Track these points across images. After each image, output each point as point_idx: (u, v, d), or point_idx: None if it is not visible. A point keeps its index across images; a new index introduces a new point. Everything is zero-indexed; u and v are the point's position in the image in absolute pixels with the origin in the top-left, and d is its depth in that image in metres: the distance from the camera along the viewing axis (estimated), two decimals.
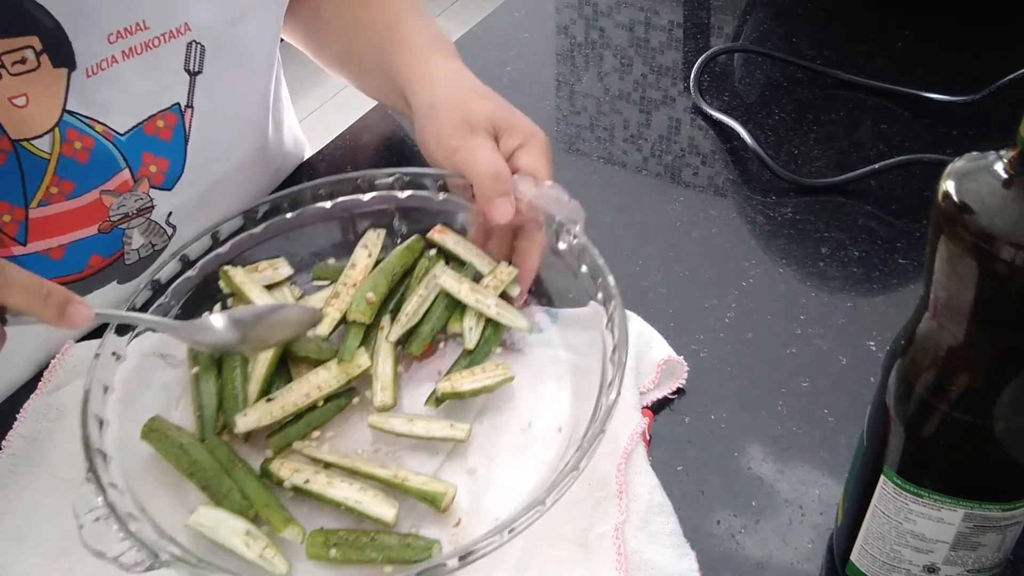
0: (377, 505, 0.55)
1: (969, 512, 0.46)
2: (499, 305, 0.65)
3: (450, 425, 0.60)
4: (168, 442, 0.58)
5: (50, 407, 0.62)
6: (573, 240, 0.65)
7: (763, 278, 0.74)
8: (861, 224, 0.78)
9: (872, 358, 0.67)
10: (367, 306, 0.64)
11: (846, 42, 1.00)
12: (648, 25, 1.05)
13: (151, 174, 0.68)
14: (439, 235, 0.70)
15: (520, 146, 0.67)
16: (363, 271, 0.67)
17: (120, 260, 0.70)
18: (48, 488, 0.58)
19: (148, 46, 0.65)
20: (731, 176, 0.84)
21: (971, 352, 0.43)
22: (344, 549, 0.54)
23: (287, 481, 0.57)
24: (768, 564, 0.56)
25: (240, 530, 0.54)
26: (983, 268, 0.40)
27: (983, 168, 0.41)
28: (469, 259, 0.69)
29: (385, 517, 0.55)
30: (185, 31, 0.66)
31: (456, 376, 0.62)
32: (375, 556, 0.54)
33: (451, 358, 0.65)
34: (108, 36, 0.62)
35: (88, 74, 0.62)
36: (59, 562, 0.55)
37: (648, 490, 0.57)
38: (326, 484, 0.57)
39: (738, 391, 0.65)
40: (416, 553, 0.54)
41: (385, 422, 0.60)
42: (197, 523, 0.54)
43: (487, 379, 0.61)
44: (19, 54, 0.58)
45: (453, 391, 0.61)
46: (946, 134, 0.87)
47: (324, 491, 0.56)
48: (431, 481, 0.57)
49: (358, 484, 0.57)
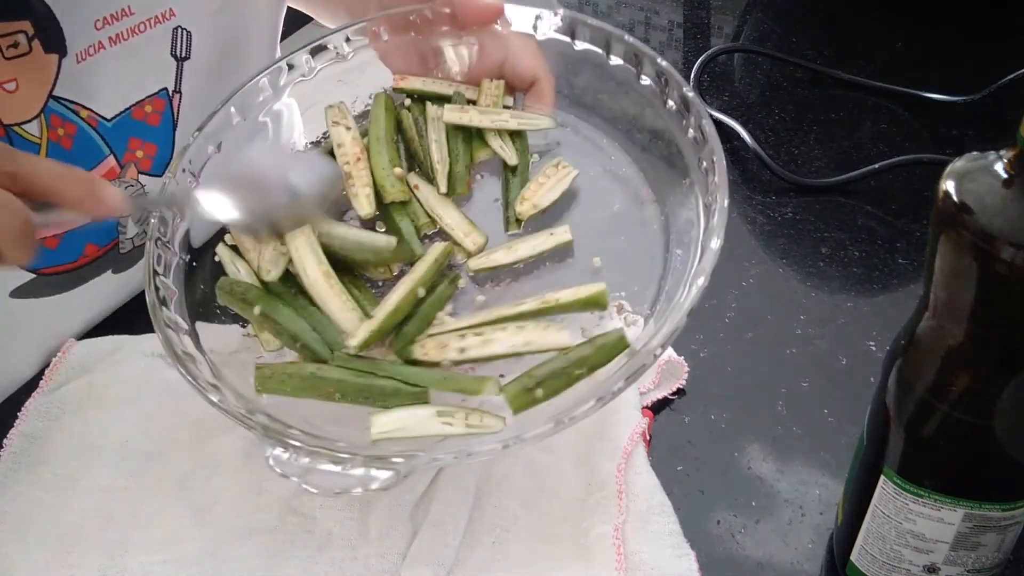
0: (550, 335, 0.53)
1: (969, 512, 0.46)
2: (513, 115, 0.64)
3: (549, 234, 0.59)
4: (295, 379, 0.54)
5: (51, 406, 0.62)
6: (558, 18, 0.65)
7: (763, 278, 0.74)
8: (861, 224, 0.78)
9: (872, 358, 0.67)
10: (399, 182, 0.62)
11: (846, 42, 1.00)
12: (648, 25, 1.05)
13: (137, 160, 0.68)
14: (404, 82, 0.67)
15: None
16: (355, 144, 0.64)
17: (115, 250, 0.70)
18: (50, 486, 0.58)
19: (134, 32, 0.65)
20: (731, 176, 0.84)
21: (971, 352, 0.43)
22: (548, 383, 0.51)
23: (443, 359, 0.53)
24: (768, 564, 0.56)
25: (430, 415, 0.51)
26: (983, 268, 0.40)
27: (983, 168, 0.41)
28: (448, 91, 0.67)
29: (563, 342, 0.52)
30: (170, 16, 0.67)
31: (526, 192, 0.61)
32: (580, 372, 0.51)
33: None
34: (95, 22, 0.62)
35: (77, 60, 0.62)
36: (62, 560, 0.55)
37: (648, 490, 0.57)
38: (484, 343, 0.53)
39: (738, 391, 0.65)
40: (613, 348, 0.52)
41: (488, 260, 0.58)
42: (382, 434, 0.50)
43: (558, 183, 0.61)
44: (11, 38, 0.59)
45: (534, 207, 0.60)
46: (946, 134, 0.87)
47: (486, 351, 0.53)
48: (581, 288, 0.55)
49: (510, 329, 0.54)
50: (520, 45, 0.66)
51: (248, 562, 0.55)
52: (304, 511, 0.57)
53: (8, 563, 0.55)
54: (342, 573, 0.54)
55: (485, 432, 0.50)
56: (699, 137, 0.58)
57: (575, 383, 0.51)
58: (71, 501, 0.58)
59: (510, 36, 0.67)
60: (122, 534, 0.56)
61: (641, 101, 0.64)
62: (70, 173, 0.50)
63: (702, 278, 0.51)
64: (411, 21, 0.68)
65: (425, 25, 0.68)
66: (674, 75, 0.61)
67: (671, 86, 0.61)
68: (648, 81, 0.63)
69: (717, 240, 0.52)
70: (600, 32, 0.65)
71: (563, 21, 0.66)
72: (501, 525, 0.56)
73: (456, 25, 0.67)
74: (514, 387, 0.51)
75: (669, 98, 0.61)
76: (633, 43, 0.63)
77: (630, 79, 0.64)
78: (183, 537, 0.56)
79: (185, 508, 0.57)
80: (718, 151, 0.55)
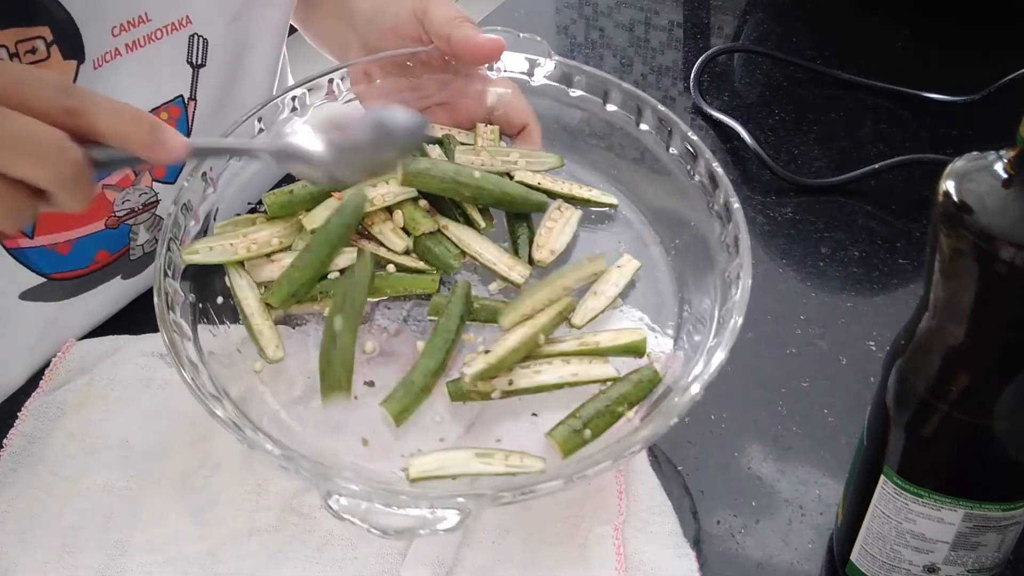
0: (595, 367, 0.54)
1: (969, 512, 0.46)
2: (522, 155, 0.65)
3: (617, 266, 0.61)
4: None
5: (51, 406, 0.62)
6: (551, 65, 0.66)
7: (763, 278, 0.74)
8: (861, 224, 0.78)
9: (872, 358, 0.67)
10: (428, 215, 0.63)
11: (846, 42, 1.00)
12: (648, 25, 1.05)
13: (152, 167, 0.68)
14: None
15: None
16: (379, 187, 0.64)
17: (125, 256, 0.70)
18: (50, 486, 0.58)
19: (150, 39, 0.65)
20: (731, 176, 0.84)
21: (971, 352, 0.43)
22: (595, 422, 0.52)
23: (493, 390, 0.54)
24: (768, 564, 0.56)
25: (468, 456, 0.52)
26: (983, 268, 0.40)
27: (983, 168, 0.41)
28: (438, 134, 0.68)
29: (609, 373, 0.55)
30: (186, 23, 0.67)
31: (540, 239, 0.62)
32: (621, 408, 0.53)
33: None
34: (112, 29, 0.62)
35: (94, 67, 0.62)
36: (62, 560, 0.55)
37: (648, 490, 0.57)
38: (533, 375, 0.55)
39: (738, 391, 0.65)
40: (649, 383, 0.53)
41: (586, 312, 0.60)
42: (421, 474, 0.51)
43: (566, 225, 0.62)
44: (30, 44, 0.58)
45: (552, 253, 0.62)
46: (946, 134, 0.87)
47: (535, 380, 0.55)
48: (621, 333, 0.57)
49: (556, 362, 0.55)
50: (508, 90, 0.67)
51: (248, 562, 0.55)
52: (304, 511, 0.57)
53: (8, 563, 0.55)
54: (342, 573, 0.54)
55: (525, 471, 0.51)
56: (707, 183, 0.60)
57: (618, 420, 0.53)
58: (71, 501, 0.57)
59: (498, 81, 0.68)
60: (122, 534, 0.56)
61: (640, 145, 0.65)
62: (132, 113, 0.47)
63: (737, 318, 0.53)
64: (405, 65, 0.68)
65: (419, 68, 0.68)
66: (676, 122, 0.62)
67: (675, 134, 0.62)
68: (647, 127, 0.65)
69: (744, 279, 0.55)
70: (595, 79, 0.67)
71: (556, 68, 0.68)
72: (501, 525, 0.56)
73: (451, 68, 0.67)
74: (562, 431, 0.52)
75: (672, 144, 0.63)
76: (631, 90, 0.65)
77: (628, 125, 0.66)
78: (183, 537, 0.56)
79: (185, 508, 0.57)
80: (733, 197, 0.57)
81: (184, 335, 0.54)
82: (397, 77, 0.69)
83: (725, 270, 0.56)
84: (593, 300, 0.60)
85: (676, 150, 0.63)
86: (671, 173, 0.63)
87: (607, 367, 0.55)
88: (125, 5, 0.63)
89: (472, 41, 0.63)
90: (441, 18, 0.64)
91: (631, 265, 0.62)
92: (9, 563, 0.55)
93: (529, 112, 0.67)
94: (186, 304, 0.57)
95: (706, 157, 0.59)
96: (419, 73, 0.68)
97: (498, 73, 0.69)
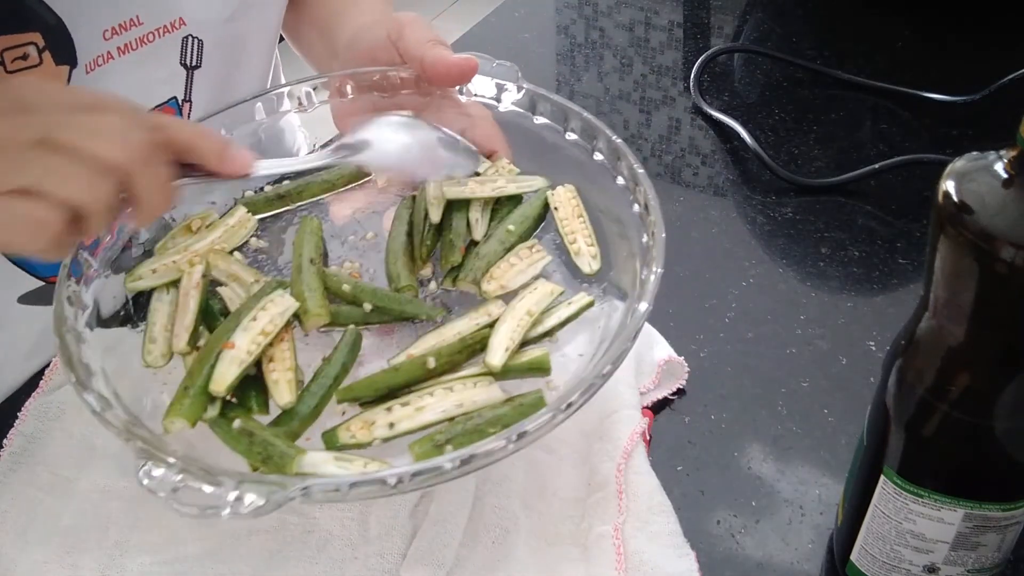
0: (480, 393, 0.53)
1: (969, 512, 0.46)
2: (509, 180, 0.64)
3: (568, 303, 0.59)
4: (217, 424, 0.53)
5: (50, 406, 0.62)
6: (519, 93, 0.66)
7: (763, 278, 0.74)
8: (861, 224, 0.78)
9: (872, 358, 0.67)
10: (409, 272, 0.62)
11: (846, 42, 1.00)
12: (648, 25, 1.05)
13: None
14: None
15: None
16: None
17: None
18: (50, 486, 0.58)
19: (143, 42, 0.65)
20: (731, 176, 0.84)
21: (971, 352, 0.43)
22: (459, 439, 0.51)
23: (373, 438, 0.52)
24: (768, 564, 0.56)
25: (327, 458, 0.51)
26: (983, 268, 0.40)
27: (983, 168, 0.41)
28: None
29: (496, 397, 0.53)
30: (180, 26, 0.66)
31: (496, 271, 0.60)
32: (493, 430, 0.52)
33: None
34: (103, 33, 0.62)
35: (87, 71, 0.62)
36: (62, 559, 0.55)
37: (648, 490, 0.57)
38: (414, 413, 0.53)
39: (738, 391, 0.65)
40: (531, 407, 0.52)
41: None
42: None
43: (530, 266, 0.60)
44: (21, 50, 0.58)
45: (502, 288, 0.59)
46: (946, 134, 0.87)
47: (417, 421, 0.53)
48: (521, 353, 0.56)
49: (438, 392, 0.54)
50: (479, 115, 0.66)
51: (248, 562, 0.55)
52: (304, 511, 0.57)
53: (8, 563, 0.55)
54: (342, 573, 0.54)
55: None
56: (643, 212, 0.59)
57: (485, 438, 0.50)
58: (71, 501, 0.57)
59: (470, 105, 0.67)
60: (121, 534, 0.56)
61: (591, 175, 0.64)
62: (208, 133, 0.52)
63: (631, 340, 0.51)
64: (374, 81, 0.68)
65: (389, 87, 0.68)
66: (626, 152, 0.61)
67: (622, 161, 0.61)
68: (600, 157, 0.64)
69: (645, 304, 0.52)
70: (559, 107, 0.66)
71: (524, 95, 0.67)
72: (501, 525, 0.56)
73: (421, 89, 0.67)
74: (423, 443, 0.52)
75: (619, 173, 0.62)
76: (589, 119, 0.64)
77: (584, 156, 0.65)
78: (182, 538, 0.56)
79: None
80: (659, 225, 0.56)
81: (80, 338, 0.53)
82: (369, 95, 0.68)
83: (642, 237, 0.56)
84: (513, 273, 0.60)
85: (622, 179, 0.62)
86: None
87: (493, 390, 0.54)
88: (117, 9, 0.63)
89: (445, 61, 0.63)
90: (415, 39, 0.64)
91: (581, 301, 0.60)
92: (9, 563, 0.55)
93: (499, 137, 0.66)
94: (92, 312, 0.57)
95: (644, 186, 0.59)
96: (392, 95, 0.68)
97: (468, 97, 0.68)
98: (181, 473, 0.45)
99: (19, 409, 0.62)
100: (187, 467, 0.45)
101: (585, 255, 0.62)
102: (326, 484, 0.46)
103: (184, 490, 0.45)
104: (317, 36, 0.79)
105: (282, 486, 0.44)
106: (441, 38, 0.65)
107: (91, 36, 0.62)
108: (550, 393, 0.55)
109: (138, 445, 0.47)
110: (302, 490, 0.44)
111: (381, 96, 0.68)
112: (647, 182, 0.58)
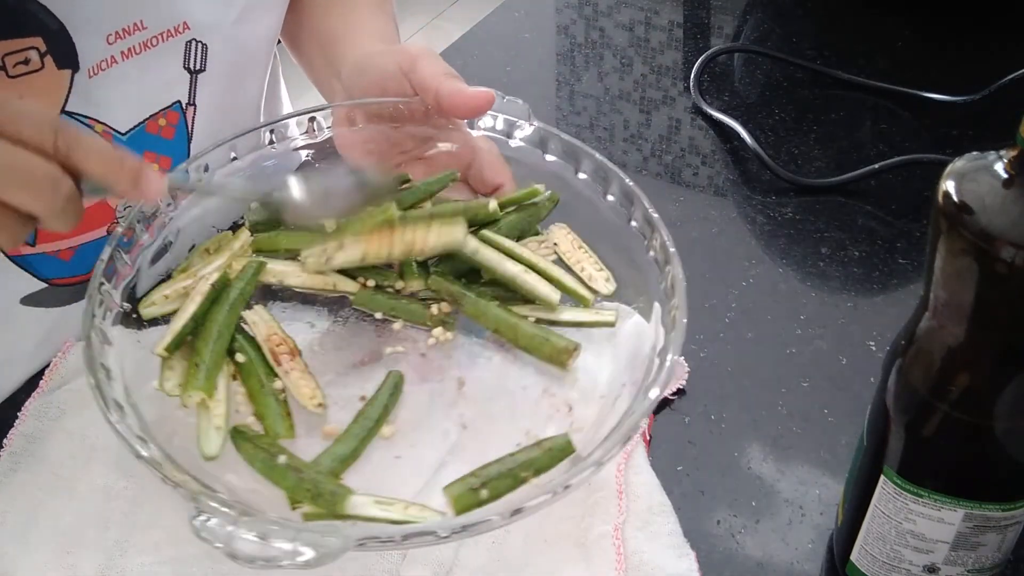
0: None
1: (969, 512, 0.46)
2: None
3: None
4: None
5: (51, 406, 0.62)
6: (529, 129, 0.67)
7: (763, 278, 0.74)
8: (861, 224, 0.78)
9: (872, 358, 0.67)
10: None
11: (846, 42, 1.00)
12: (648, 25, 1.05)
13: None
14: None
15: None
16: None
17: None
18: (50, 486, 0.58)
19: (147, 46, 0.64)
20: (731, 176, 0.84)
21: (971, 352, 0.43)
22: (494, 484, 0.52)
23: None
24: (768, 564, 0.56)
25: (367, 501, 0.51)
26: (983, 268, 0.40)
27: (983, 168, 0.41)
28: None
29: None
30: (184, 30, 0.66)
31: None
32: (526, 474, 0.52)
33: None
34: (107, 37, 0.62)
35: (89, 75, 0.62)
36: (61, 560, 0.55)
37: (648, 490, 0.57)
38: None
39: (738, 391, 0.65)
40: (561, 453, 0.53)
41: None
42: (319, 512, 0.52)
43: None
44: (22, 55, 0.58)
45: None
46: (946, 134, 0.87)
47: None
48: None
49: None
50: (486, 150, 0.66)
51: None
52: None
53: (8, 563, 0.55)
54: (342, 573, 0.54)
55: (418, 521, 0.51)
56: (660, 258, 0.59)
57: (521, 485, 0.52)
58: (71, 501, 0.57)
59: (477, 138, 0.67)
60: (121, 534, 0.56)
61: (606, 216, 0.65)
62: (119, 161, 0.50)
63: (656, 390, 0.51)
64: (386, 112, 0.68)
65: (399, 118, 0.68)
66: (639, 195, 0.61)
67: (635, 205, 0.62)
68: (613, 199, 0.64)
69: (672, 356, 0.52)
70: (570, 147, 0.66)
71: (535, 132, 0.67)
72: None
73: (432, 122, 0.67)
74: (458, 487, 0.52)
75: (633, 217, 0.62)
76: (601, 160, 0.64)
77: (596, 197, 0.65)
78: (182, 538, 0.56)
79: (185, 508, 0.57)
80: (678, 270, 0.57)
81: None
82: (378, 125, 0.68)
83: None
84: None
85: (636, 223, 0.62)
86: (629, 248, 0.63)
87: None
88: (120, 14, 0.62)
89: (462, 94, 0.62)
90: (430, 72, 0.63)
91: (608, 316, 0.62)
92: (9, 563, 0.55)
93: (506, 172, 0.66)
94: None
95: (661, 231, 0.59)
96: (401, 125, 0.68)
97: (477, 131, 0.68)
98: (234, 524, 0.45)
99: (19, 409, 0.62)
100: (241, 517, 0.45)
101: (598, 278, 0.63)
102: (380, 534, 0.46)
103: (240, 541, 0.45)
104: (318, 51, 0.78)
105: (336, 536, 0.45)
106: (454, 71, 0.64)
107: (94, 40, 0.61)
108: (574, 435, 0.55)
109: (193, 490, 0.47)
110: (358, 542, 0.45)
111: (391, 127, 0.68)
112: (662, 228, 0.59)
